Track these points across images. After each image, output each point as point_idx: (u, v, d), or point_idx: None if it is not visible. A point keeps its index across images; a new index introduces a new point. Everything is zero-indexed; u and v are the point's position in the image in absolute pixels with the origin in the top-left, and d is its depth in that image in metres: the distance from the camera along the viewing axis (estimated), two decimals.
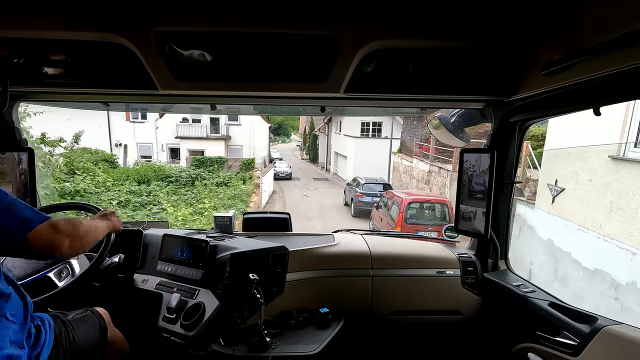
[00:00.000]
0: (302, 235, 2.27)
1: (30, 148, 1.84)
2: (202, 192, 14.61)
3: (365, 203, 14.39)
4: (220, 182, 16.82)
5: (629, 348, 1.26)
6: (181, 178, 16.68)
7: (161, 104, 2.04)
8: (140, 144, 23.61)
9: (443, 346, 2.09)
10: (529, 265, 7.79)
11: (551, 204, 7.26)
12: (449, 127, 1.94)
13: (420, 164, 16.01)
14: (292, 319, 1.81)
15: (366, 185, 15.03)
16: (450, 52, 1.41)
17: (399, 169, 19.05)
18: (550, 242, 7.26)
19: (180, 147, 23.87)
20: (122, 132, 22.66)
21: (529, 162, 9.54)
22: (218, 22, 1.28)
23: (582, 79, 1.15)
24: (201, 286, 1.74)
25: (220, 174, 18.21)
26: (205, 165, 19.95)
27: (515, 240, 8.46)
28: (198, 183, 16.07)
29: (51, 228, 1.11)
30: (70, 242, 1.14)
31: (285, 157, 33.21)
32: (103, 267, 1.63)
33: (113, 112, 19.91)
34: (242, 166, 20.51)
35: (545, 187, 7.56)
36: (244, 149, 25.02)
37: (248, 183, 17.64)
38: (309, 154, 36.89)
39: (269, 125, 27.29)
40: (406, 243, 2.36)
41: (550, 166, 7.61)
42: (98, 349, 1.45)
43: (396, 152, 20.09)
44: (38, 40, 1.34)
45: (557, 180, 7.15)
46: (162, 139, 24.02)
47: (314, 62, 1.41)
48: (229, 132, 24.88)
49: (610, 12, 1.00)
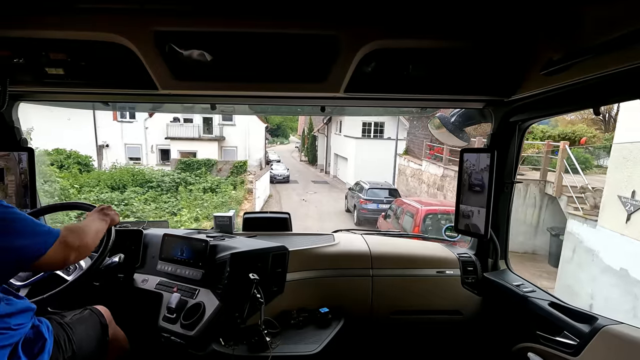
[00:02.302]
0: (302, 235, 2.27)
1: (31, 148, 1.83)
2: (184, 200, 13.32)
3: (370, 210, 13.19)
4: (207, 188, 15.43)
5: (629, 348, 1.27)
6: (163, 183, 15.21)
7: (161, 103, 2.04)
8: (128, 145, 22.19)
9: (443, 346, 2.09)
10: (590, 300, 6.34)
11: (625, 222, 5.67)
12: (449, 127, 1.94)
13: (432, 167, 14.50)
14: (292, 318, 1.80)
15: (370, 191, 13.69)
16: (450, 52, 1.41)
17: (406, 172, 17.69)
18: (624, 273, 5.71)
19: (170, 148, 22.33)
20: (109, 132, 21.36)
21: (567, 165, 8.38)
22: (218, 22, 1.28)
23: (582, 79, 1.16)
24: (201, 286, 1.74)
25: (209, 178, 16.84)
26: (192, 168, 18.39)
27: (568, 264, 7.41)
28: (182, 189, 14.64)
29: (62, 246, 1.13)
30: (77, 254, 1.19)
31: (284, 159, 32.54)
32: (103, 267, 1.63)
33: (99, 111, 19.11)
34: (233, 169, 18.79)
35: (613, 200, 5.89)
36: (238, 150, 23.65)
37: (239, 188, 16.10)
38: (307, 155, 36.31)
39: (265, 125, 26.02)
40: (406, 243, 2.36)
41: (623, 170, 5.77)
42: (99, 348, 1.45)
43: (402, 153, 18.88)
44: (38, 40, 1.34)
45: (634, 192, 5.54)
46: (151, 140, 22.52)
47: (314, 62, 1.41)
48: (222, 132, 23.49)
49: (610, 12, 1.00)
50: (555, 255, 8.49)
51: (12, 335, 1.09)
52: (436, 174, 14.26)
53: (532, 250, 9.99)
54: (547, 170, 9.53)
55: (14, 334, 1.10)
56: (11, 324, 1.09)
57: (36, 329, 1.20)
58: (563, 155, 8.57)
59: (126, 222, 2.15)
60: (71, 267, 1.65)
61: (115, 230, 1.62)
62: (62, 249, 1.13)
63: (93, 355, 1.41)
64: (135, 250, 1.95)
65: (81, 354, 1.34)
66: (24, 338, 1.15)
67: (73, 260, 1.18)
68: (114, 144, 21.76)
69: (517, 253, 9.77)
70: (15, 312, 1.13)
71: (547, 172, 9.56)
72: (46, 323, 1.26)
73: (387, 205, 12.08)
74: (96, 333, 1.46)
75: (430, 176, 14.57)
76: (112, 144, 21.69)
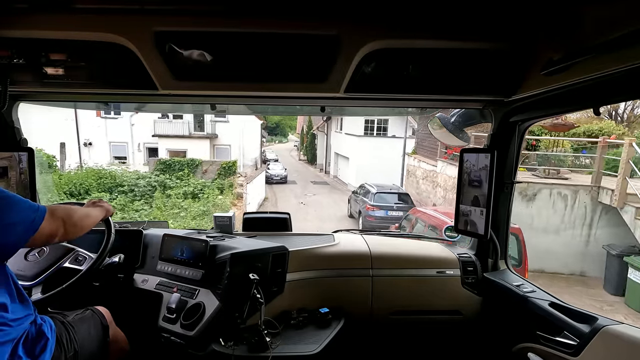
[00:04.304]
0: (302, 235, 2.27)
1: (31, 148, 1.83)
2: (157, 209, 11.55)
3: (378, 218, 11.55)
4: (189, 193, 13.46)
5: (629, 348, 1.27)
6: (137, 187, 13.09)
7: (161, 104, 2.04)
8: (113, 143, 20.29)
9: (443, 346, 2.09)
10: None
11: None
12: (449, 127, 1.94)
13: (449, 168, 12.20)
14: (292, 319, 1.80)
15: (378, 196, 12.16)
16: (450, 52, 1.41)
17: (416, 173, 15.53)
18: None
19: (158, 146, 20.46)
20: (92, 129, 19.41)
21: (634, 166, 6.59)
22: (218, 22, 1.28)
23: (582, 79, 1.15)
24: (201, 286, 1.74)
25: (192, 181, 14.71)
26: (173, 169, 15.98)
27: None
28: (158, 194, 12.52)
29: (52, 219, 1.16)
30: (64, 230, 1.20)
31: (282, 158, 31.91)
32: (103, 267, 1.63)
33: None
34: (221, 171, 16.30)
35: None
36: (232, 148, 21.66)
37: (227, 193, 14.18)
38: (306, 154, 35.81)
39: (261, 122, 24.30)
40: (406, 243, 2.36)
41: None
42: (100, 349, 1.45)
43: (410, 153, 16.92)
44: (38, 41, 1.34)
45: None
46: (138, 138, 20.56)
47: (314, 62, 1.41)
48: (215, 130, 21.52)
49: (610, 12, 1.00)
50: (615, 281, 7.00)
51: (8, 332, 1.08)
52: (455, 176, 11.56)
53: (580, 271, 8.21)
54: (602, 174, 7.72)
55: (11, 331, 1.09)
56: (8, 320, 1.09)
57: (39, 327, 1.20)
58: (629, 155, 6.48)
59: (126, 222, 2.16)
60: (79, 257, 1.68)
61: (115, 230, 1.63)
62: (53, 222, 1.17)
63: (94, 356, 1.42)
64: (135, 251, 1.95)
65: (83, 354, 1.34)
66: (25, 336, 1.14)
67: (62, 235, 1.20)
68: (98, 142, 20.03)
69: (561, 275, 8.10)
70: (14, 307, 1.12)
71: (601, 176, 7.71)
72: (49, 322, 1.26)
73: (397, 213, 11.02)
74: (97, 333, 1.46)
75: (448, 179, 12.34)
76: (95, 142, 19.96)
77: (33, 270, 1.57)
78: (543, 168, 9.51)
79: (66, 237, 1.25)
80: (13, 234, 1.07)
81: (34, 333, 1.18)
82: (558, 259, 8.08)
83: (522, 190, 8.32)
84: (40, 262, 1.61)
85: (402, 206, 11.75)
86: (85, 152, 18.94)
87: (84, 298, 1.63)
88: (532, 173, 9.43)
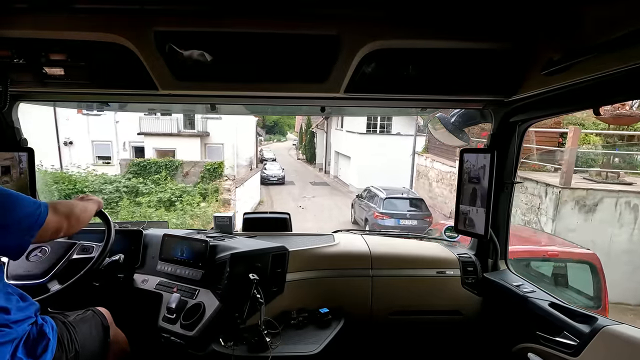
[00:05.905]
0: (302, 236, 2.27)
1: (31, 148, 1.83)
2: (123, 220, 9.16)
3: (389, 229, 9.80)
4: (165, 200, 11.36)
5: (629, 348, 1.27)
6: (102, 194, 11.04)
7: (161, 104, 2.04)
8: (96, 142, 18.37)
9: (443, 346, 2.09)
10: None
11: None
12: (449, 127, 1.94)
13: None
14: (292, 319, 1.80)
15: (388, 202, 10.55)
16: (450, 52, 1.41)
17: (428, 174, 14.11)
18: None
19: (145, 145, 18.55)
20: (73, 127, 17.36)
21: None
22: (218, 22, 1.28)
23: (582, 79, 1.15)
24: (201, 286, 1.74)
25: (169, 185, 12.55)
26: (149, 172, 13.84)
27: None
28: (125, 203, 10.56)
29: (55, 214, 1.17)
30: (68, 223, 1.22)
31: (280, 157, 31.10)
32: (103, 267, 1.64)
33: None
34: (205, 173, 14.27)
35: None
36: (225, 147, 19.78)
37: (210, 199, 12.23)
38: (305, 153, 34.99)
39: (256, 119, 22.24)
40: (406, 243, 2.36)
41: None
42: (101, 349, 1.46)
43: (421, 151, 15.26)
44: (38, 40, 1.34)
45: None
46: (124, 136, 18.68)
47: (315, 62, 1.41)
48: (206, 127, 19.60)
49: (610, 12, 1.00)
50: None
51: (8, 333, 1.08)
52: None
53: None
54: None
55: (11, 332, 1.09)
56: (9, 321, 1.09)
57: (40, 328, 1.20)
58: None
59: (126, 222, 2.16)
60: (87, 247, 1.72)
61: (115, 230, 1.63)
62: (57, 217, 1.18)
63: (95, 356, 1.42)
64: (135, 251, 1.95)
65: (84, 354, 1.34)
66: (26, 337, 1.14)
67: (66, 229, 1.22)
68: (80, 140, 17.96)
69: (627, 306, 6.29)
70: (15, 308, 1.13)
71: None
72: (51, 322, 1.26)
73: (410, 222, 9.63)
74: (98, 334, 1.46)
75: None
76: (76, 140, 17.89)
77: (42, 268, 1.60)
78: (597, 170, 7.52)
79: (69, 231, 1.26)
80: (20, 229, 1.07)
81: (35, 334, 1.18)
82: (621, 287, 6.06)
83: (581, 199, 6.61)
84: (47, 259, 1.64)
85: (415, 214, 10.33)
86: (65, 151, 17.18)
87: (84, 298, 1.63)
88: (583, 177, 7.51)
